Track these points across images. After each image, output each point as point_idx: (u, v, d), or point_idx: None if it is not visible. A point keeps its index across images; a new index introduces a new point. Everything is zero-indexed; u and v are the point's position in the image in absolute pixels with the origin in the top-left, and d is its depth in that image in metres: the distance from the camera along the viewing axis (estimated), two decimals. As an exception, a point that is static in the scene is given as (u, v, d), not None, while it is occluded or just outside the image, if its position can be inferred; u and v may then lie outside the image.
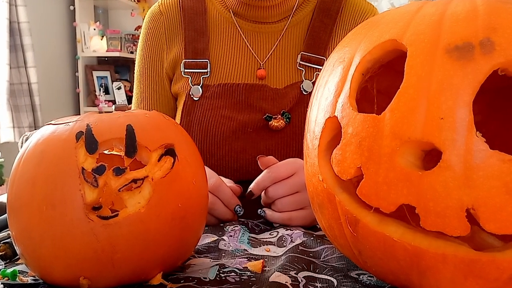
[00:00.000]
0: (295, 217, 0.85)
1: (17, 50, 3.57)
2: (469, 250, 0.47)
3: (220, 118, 1.03)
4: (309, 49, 1.08)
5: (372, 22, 0.59)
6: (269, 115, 1.01)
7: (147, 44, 1.15)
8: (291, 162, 0.89)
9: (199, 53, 1.08)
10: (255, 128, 1.02)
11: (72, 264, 0.54)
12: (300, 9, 1.12)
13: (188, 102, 1.06)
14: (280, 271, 0.61)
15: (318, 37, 1.08)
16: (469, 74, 0.46)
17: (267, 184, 0.87)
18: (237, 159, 1.02)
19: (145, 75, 1.15)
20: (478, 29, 0.47)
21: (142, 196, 0.56)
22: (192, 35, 1.09)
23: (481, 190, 0.44)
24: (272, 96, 1.04)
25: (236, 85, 1.05)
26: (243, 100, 1.04)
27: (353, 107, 0.53)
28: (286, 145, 1.03)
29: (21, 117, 3.61)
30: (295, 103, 1.04)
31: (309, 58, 1.07)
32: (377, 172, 0.49)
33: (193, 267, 0.64)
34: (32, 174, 0.55)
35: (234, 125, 1.02)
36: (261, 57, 1.09)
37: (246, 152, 1.02)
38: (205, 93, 1.05)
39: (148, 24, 1.16)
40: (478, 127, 0.45)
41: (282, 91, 1.05)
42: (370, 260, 0.54)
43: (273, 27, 1.10)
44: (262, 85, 1.05)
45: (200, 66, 1.07)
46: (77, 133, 0.56)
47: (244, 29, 1.10)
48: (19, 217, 0.56)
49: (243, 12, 1.10)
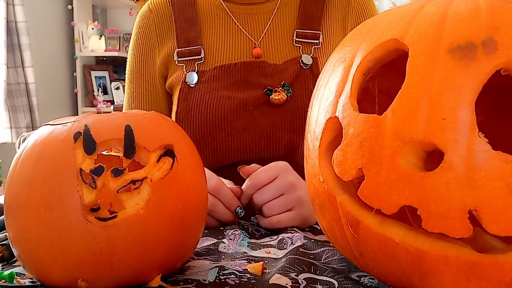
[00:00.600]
0: (283, 219, 0.85)
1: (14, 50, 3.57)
2: (471, 252, 0.47)
3: (219, 99, 1.02)
4: (303, 26, 1.08)
5: (374, 21, 0.59)
6: (270, 88, 1.01)
7: (138, 43, 1.15)
8: (271, 167, 0.89)
9: (192, 41, 1.08)
10: (256, 105, 1.02)
11: (70, 266, 0.54)
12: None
13: (184, 89, 1.05)
14: (280, 273, 0.61)
15: (310, 13, 1.09)
16: (472, 74, 0.45)
17: (251, 192, 0.87)
18: (240, 139, 1.01)
19: (136, 75, 1.15)
20: (480, 28, 0.47)
21: (141, 197, 0.56)
22: (183, 26, 1.10)
23: (483, 191, 0.44)
24: (271, 71, 1.04)
25: (234, 65, 1.05)
26: (241, 78, 1.03)
27: (354, 108, 0.53)
28: (289, 120, 1.02)
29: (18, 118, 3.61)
30: (295, 77, 1.03)
31: (305, 34, 1.08)
32: (379, 173, 0.49)
33: (193, 269, 0.64)
34: (30, 175, 0.55)
35: (234, 104, 1.02)
36: (255, 37, 1.09)
37: (249, 131, 1.01)
38: (202, 78, 1.05)
39: (138, 24, 1.16)
40: (481, 128, 0.45)
41: (281, 66, 1.05)
42: (371, 262, 0.54)
43: (263, 7, 1.11)
44: (260, 61, 1.05)
45: (193, 53, 1.07)
46: (75, 133, 0.56)
47: (235, 13, 1.11)
48: (17, 218, 0.56)
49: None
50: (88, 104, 4.58)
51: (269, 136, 1.01)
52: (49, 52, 4.21)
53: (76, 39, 4.42)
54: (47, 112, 3.95)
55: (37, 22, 3.98)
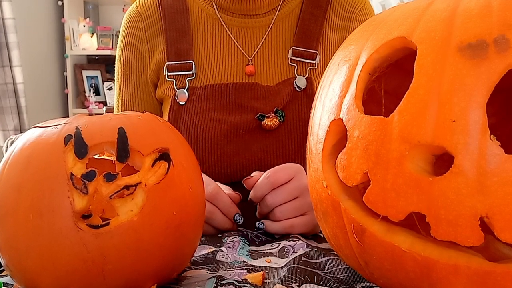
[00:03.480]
0: (297, 224, 0.85)
1: (1, 48, 3.58)
2: (483, 261, 0.47)
3: (210, 122, 1.02)
4: (300, 43, 1.07)
5: (380, 18, 0.59)
6: (262, 114, 1.01)
7: (126, 48, 1.14)
8: (288, 167, 0.89)
9: (183, 55, 1.07)
10: (247, 129, 1.02)
11: (60, 276, 0.54)
12: (288, 1, 1.12)
13: (174, 107, 1.05)
14: (281, 283, 0.61)
15: (308, 30, 1.08)
16: (483, 74, 0.46)
17: (265, 191, 0.87)
18: (230, 164, 1.02)
19: (126, 82, 1.14)
20: (492, 25, 0.47)
21: (135, 203, 0.56)
22: (174, 36, 1.08)
23: (495, 197, 0.44)
24: (264, 94, 1.03)
25: (225, 85, 1.04)
26: (233, 100, 1.03)
27: (359, 109, 0.53)
28: (282, 145, 1.02)
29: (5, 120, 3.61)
30: (288, 100, 1.03)
31: (301, 53, 1.07)
32: (385, 178, 0.49)
33: (189, 279, 0.64)
34: (18, 180, 0.55)
35: (225, 128, 1.02)
36: (248, 52, 1.08)
37: (239, 156, 1.02)
38: (192, 96, 1.04)
39: (127, 27, 1.15)
40: (493, 130, 0.45)
41: (274, 88, 1.04)
42: (377, 271, 0.54)
43: (260, 20, 1.10)
44: (252, 84, 1.04)
45: (184, 68, 1.07)
46: (65, 136, 0.56)
47: (229, 24, 1.10)
48: (4, 226, 0.56)
49: (228, 5, 1.09)
50: (79, 105, 4.58)
51: (260, 161, 1.02)
52: (38, 50, 4.21)
53: (66, 37, 4.42)
54: (36, 114, 3.95)
55: (26, 19, 3.98)
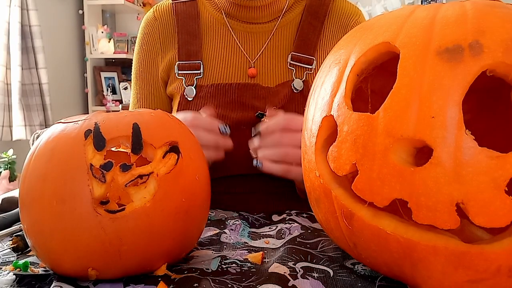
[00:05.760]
0: (294, 171, 0.84)
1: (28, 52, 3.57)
2: (459, 242, 0.47)
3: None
4: (299, 50, 1.07)
5: (367, 25, 0.59)
6: (261, 112, 1.01)
7: (142, 48, 1.14)
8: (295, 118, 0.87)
9: (192, 55, 1.08)
10: (248, 125, 1.01)
11: (81, 256, 0.54)
12: (289, 11, 1.11)
13: (183, 102, 1.05)
14: (279, 262, 0.61)
15: (307, 38, 1.08)
16: (459, 75, 0.45)
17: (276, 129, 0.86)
18: (232, 155, 1.01)
19: (141, 78, 1.15)
20: (467, 32, 0.47)
21: (148, 191, 0.56)
22: (185, 38, 1.09)
23: (470, 186, 0.44)
24: (264, 94, 1.03)
25: (229, 85, 1.04)
26: (235, 99, 1.03)
27: (349, 107, 0.53)
28: None
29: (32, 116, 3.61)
30: (286, 101, 1.03)
31: (300, 58, 1.07)
32: (371, 168, 0.49)
33: (196, 258, 0.64)
34: (43, 170, 0.55)
35: (228, 123, 1.01)
36: (251, 56, 1.08)
37: (240, 149, 1.01)
38: (199, 93, 1.05)
39: (144, 30, 1.15)
40: (468, 125, 0.45)
41: (274, 89, 1.04)
42: (364, 252, 0.54)
43: (263, 27, 1.10)
44: (254, 84, 1.04)
45: (193, 68, 1.07)
46: (85, 131, 0.56)
47: (236, 29, 1.10)
48: (31, 211, 0.56)
49: (235, 12, 1.09)
50: (98, 103, 4.57)
51: None
52: (61, 54, 4.20)
53: (86, 42, 4.41)
54: (59, 111, 3.95)
55: (50, 26, 3.97)
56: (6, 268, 0.61)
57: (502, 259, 0.45)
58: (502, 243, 0.46)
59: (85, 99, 4.56)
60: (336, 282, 0.57)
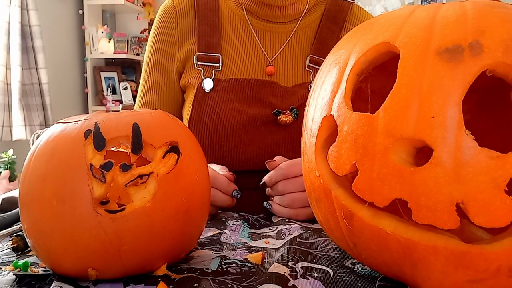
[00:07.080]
0: (302, 213, 0.86)
1: (28, 52, 3.57)
2: (459, 242, 0.47)
3: (231, 111, 1.02)
4: (317, 52, 1.08)
5: (367, 25, 0.58)
6: (278, 110, 1.01)
7: (158, 36, 1.13)
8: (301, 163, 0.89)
9: (212, 47, 1.07)
10: (264, 122, 1.02)
11: (81, 256, 0.54)
12: (309, 13, 1.12)
13: (199, 94, 1.05)
14: (279, 262, 0.61)
15: (325, 42, 1.08)
16: (459, 75, 0.45)
17: (279, 179, 0.87)
18: (246, 151, 1.02)
19: (154, 65, 1.13)
20: (467, 32, 0.47)
21: (148, 191, 0.56)
22: (206, 30, 1.08)
23: (470, 186, 0.44)
24: (281, 93, 1.04)
25: (247, 81, 1.04)
26: (253, 95, 1.03)
27: (349, 107, 0.53)
28: (293, 140, 1.02)
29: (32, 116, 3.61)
30: (303, 101, 1.03)
31: (317, 61, 1.07)
32: (371, 168, 0.49)
33: (196, 258, 0.64)
34: (43, 170, 0.55)
35: (244, 118, 1.02)
36: (270, 54, 1.08)
37: (254, 145, 1.02)
38: (217, 86, 1.04)
39: (161, 18, 1.13)
40: (468, 125, 0.45)
41: (291, 89, 1.05)
42: (364, 252, 0.54)
43: (283, 27, 1.10)
44: (272, 82, 1.04)
45: (212, 60, 1.06)
46: (85, 131, 0.56)
47: (256, 27, 1.10)
48: (31, 211, 0.56)
49: (256, 10, 1.09)
50: (98, 103, 4.57)
51: (272, 152, 1.01)
52: (61, 54, 4.21)
53: (86, 42, 4.42)
54: (59, 111, 3.95)
55: (50, 26, 3.98)
56: (6, 268, 0.61)
57: (502, 259, 0.45)
58: (502, 243, 0.46)
59: (85, 99, 4.56)
60: (336, 282, 0.57)
